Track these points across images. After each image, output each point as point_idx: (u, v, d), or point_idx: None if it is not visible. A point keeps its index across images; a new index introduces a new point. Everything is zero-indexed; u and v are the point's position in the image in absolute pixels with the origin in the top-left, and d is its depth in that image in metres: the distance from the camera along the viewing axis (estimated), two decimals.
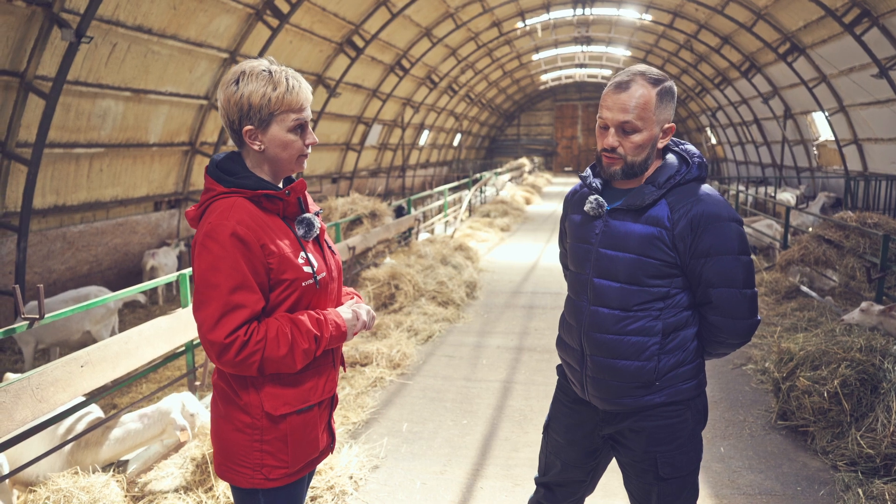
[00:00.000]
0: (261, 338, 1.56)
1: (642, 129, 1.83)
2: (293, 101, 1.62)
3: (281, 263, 1.61)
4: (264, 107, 1.59)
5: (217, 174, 1.65)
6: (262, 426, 1.66)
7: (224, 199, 1.62)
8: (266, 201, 1.64)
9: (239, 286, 1.55)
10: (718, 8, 16.24)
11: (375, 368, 5.11)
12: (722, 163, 28.92)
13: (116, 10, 8.32)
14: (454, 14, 18.27)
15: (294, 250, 1.65)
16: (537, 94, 41.96)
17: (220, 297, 1.54)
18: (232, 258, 1.54)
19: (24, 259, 7.92)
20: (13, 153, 7.69)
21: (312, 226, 1.71)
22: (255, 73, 1.60)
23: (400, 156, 24.91)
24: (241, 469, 1.68)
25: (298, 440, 1.70)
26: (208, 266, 1.55)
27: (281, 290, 1.64)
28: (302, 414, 1.70)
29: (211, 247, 1.55)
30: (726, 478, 3.47)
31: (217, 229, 1.55)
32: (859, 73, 12.97)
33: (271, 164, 1.68)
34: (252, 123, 1.61)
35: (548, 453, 2.19)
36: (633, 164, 1.87)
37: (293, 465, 1.70)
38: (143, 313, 9.15)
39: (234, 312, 1.54)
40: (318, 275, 1.69)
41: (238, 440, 1.67)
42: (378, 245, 8.77)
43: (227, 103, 1.61)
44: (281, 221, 1.67)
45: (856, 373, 3.70)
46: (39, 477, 3.03)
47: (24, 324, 2.95)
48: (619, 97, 1.83)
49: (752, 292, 1.86)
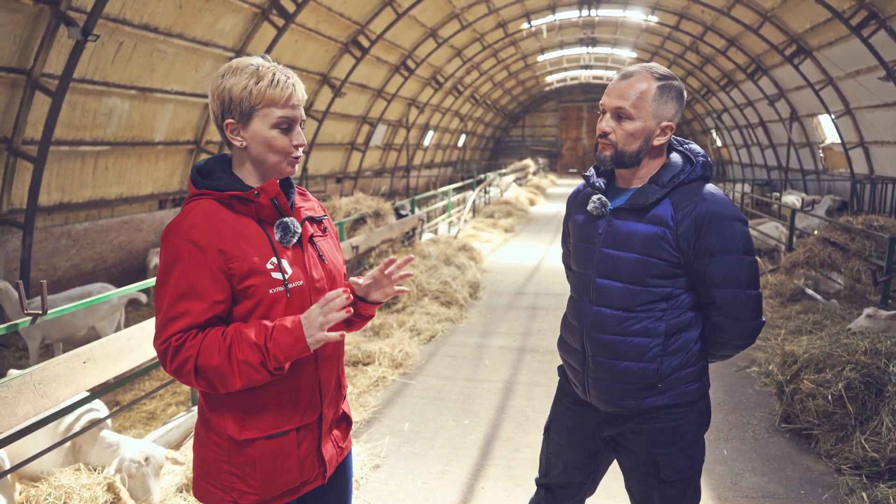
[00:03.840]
0: (194, 344, 1.45)
1: (636, 118, 1.83)
2: (276, 95, 1.52)
3: (243, 268, 1.49)
4: (245, 99, 1.51)
5: (194, 176, 1.58)
6: (228, 447, 1.55)
7: (193, 201, 1.54)
8: (238, 203, 1.54)
9: (184, 293, 1.46)
10: (725, 10, 16.18)
11: (378, 368, 5.11)
12: (727, 165, 28.83)
13: (123, 9, 8.34)
14: (460, 15, 18.25)
15: (263, 255, 1.52)
16: (542, 96, 41.90)
17: (166, 304, 1.47)
18: (182, 263, 1.46)
19: (29, 256, 7.94)
20: (19, 150, 7.73)
21: (289, 230, 1.57)
22: (242, 68, 1.53)
23: (404, 156, 24.91)
24: (213, 489, 1.57)
25: (269, 468, 1.55)
26: (161, 270, 1.49)
27: (247, 300, 1.52)
28: (274, 440, 1.56)
29: (164, 251, 1.49)
30: (729, 481, 3.45)
31: (171, 233, 1.49)
32: (866, 75, 12.90)
33: (256, 163, 1.59)
34: (233, 117, 1.54)
35: (549, 454, 2.18)
36: (623, 152, 1.86)
37: (263, 493, 1.56)
38: (147, 311, 9.18)
39: (175, 320, 1.46)
40: (290, 283, 1.54)
41: (209, 458, 1.58)
42: (381, 245, 8.76)
43: (212, 97, 1.56)
44: (255, 224, 1.55)
45: (860, 376, 3.68)
46: (44, 472, 3.04)
47: (27, 319, 2.96)
48: (620, 84, 1.85)
49: (756, 293, 1.84)
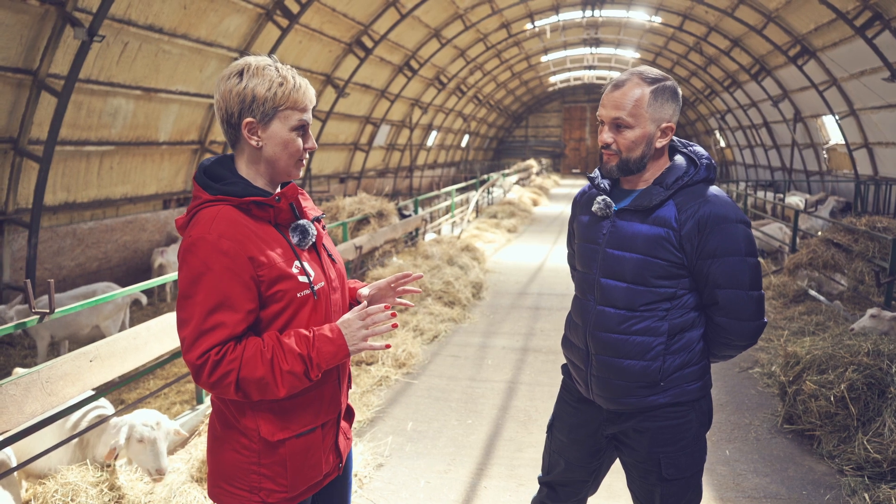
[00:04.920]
0: (235, 357, 1.44)
1: (634, 125, 1.85)
2: (299, 98, 1.54)
3: (272, 275, 1.50)
4: (269, 100, 1.50)
5: (204, 180, 1.55)
6: (259, 449, 1.56)
7: (210, 207, 1.51)
8: (256, 209, 1.53)
9: (218, 305, 1.44)
10: (728, 10, 16.17)
11: (381, 367, 5.13)
12: (731, 166, 28.78)
13: (128, 10, 8.39)
14: (463, 15, 18.27)
15: (287, 260, 1.54)
16: (546, 96, 41.90)
17: (198, 316, 1.44)
18: (214, 274, 1.44)
19: (34, 255, 7.99)
20: (25, 150, 7.78)
21: (307, 233, 1.59)
22: (261, 67, 1.52)
23: (408, 156, 24.94)
24: (238, 491, 1.57)
25: (298, 465, 1.59)
26: (189, 282, 1.45)
27: (275, 304, 1.52)
28: (303, 437, 1.59)
29: (191, 262, 1.45)
30: (731, 481, 3.46)
31: (198, 243, 1.45)
32: (870, 76, 12.88)
33: (268, 164, 1.57)
34: (254, 116, 1.51)
35: (551, 452, 2.20)
36: (627, 160, 1.89)
37: (292, 489, 1.59)
38: (151, 310, 9.21)
39: (211, 333, 1.44)
40: (314, 285, 1.57)
41: (235, 461, 1.57)
42: (385, 245, 8.78)
43: (228, 94, 1.51)
44: (273, 229, 1.56)
45: (863, 377, 3.68)
46: (51, 469, 3.07)
47: (34, 318, 2.98)
48: (614, 95, 1.87)
49: (758, 294, 1.86)
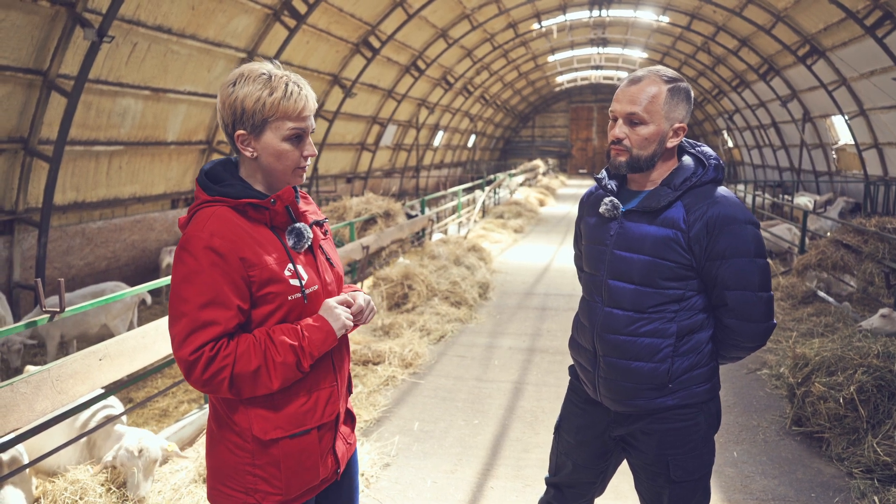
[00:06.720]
0: (229, 353, 1.45)
1: (649, 122, 1.83)
2: (290, 107, 1.51)
3: (263, 276, 1.50)
4: (258, 112, 1.50)
5: (204, 182, 1.57)
6: (253, 449, 1.55)
7: (207, 207, 1.53)
8: (252, 210, 1.54)
9: (210, 302, 1.45)
10: (737, 10, 16.09)
11: (388, 367, 5.14)
12: (739, 166, 28.63)
13: (137, 10, 8.45)
14: (470, 15, 18.27)
15: (280, 262, 1.54)
16: (552, 96, 41.82)
17: (189, 313, 1.45)
18: (205, 272, 1.45)
19: (44, 254, 8.06)
20: (35, 150, 7.84)
21: (303, 236, 1.60)
22: (254, 76, 1.50)
23: (414, 156, 24.97)
24: (233, 493, 1.56)
25: (293, 467, 1.57)
26: (181, 279, 1.47)
27: (265, 305, 1.53)
28: (297, 439, 1.57)
29: (185, 259, 1.47)
30: (739, 483, 3.44)
31: (192, 241, 1.47)
32: (880, 76, 12.78)
33: (265, 173, 1.59)
34: (244, 128, 1.52)
35: (558, 454, 2.19)
36: (638, 157, 1.87)
37: (288, 492, 1.57)
38: (159, 309, 9.27)
39: (204, 329, 1.44)
40: (306, 288, 1.57)
41: (230, 462, 1.57)
42: (391, 245, 8.80)
43: (223, 105, 1.53)
44: (269, 232, 1.57)
45: (873, 379, 3.65)
46: (60, 467, 3.09)
47: (45, 317, 3.01)
48: (630, 90, 1.85)
49: (767, 295, 1.84)
